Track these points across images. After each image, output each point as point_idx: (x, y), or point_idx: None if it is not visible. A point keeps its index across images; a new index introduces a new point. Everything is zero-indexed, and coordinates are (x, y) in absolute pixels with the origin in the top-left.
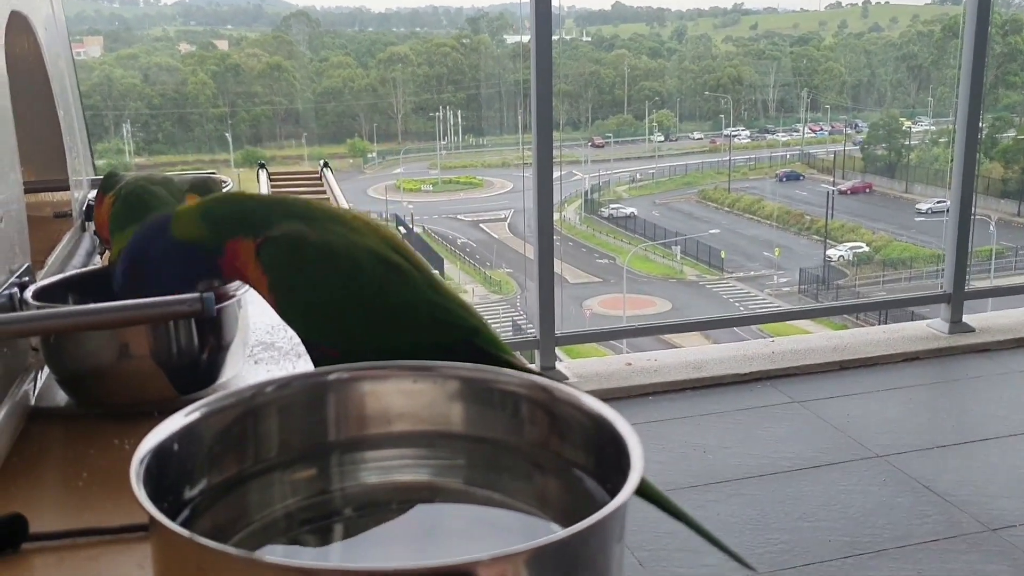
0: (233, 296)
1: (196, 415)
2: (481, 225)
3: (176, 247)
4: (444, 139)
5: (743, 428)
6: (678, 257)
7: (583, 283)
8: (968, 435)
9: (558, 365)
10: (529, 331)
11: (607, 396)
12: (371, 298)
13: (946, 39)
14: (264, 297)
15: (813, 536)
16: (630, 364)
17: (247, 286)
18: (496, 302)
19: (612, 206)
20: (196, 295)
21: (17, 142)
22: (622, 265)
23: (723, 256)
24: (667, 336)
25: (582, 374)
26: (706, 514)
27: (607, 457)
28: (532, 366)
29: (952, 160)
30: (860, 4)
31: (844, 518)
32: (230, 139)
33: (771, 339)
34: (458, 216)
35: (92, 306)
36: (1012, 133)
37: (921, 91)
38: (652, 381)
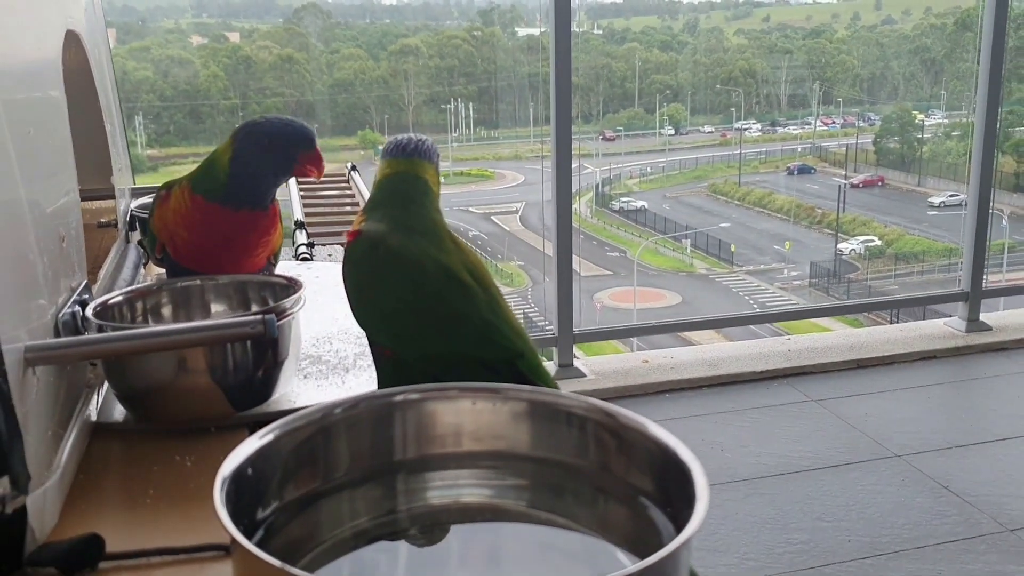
0: (290, 314)
1: (270, 437)
2: (492, 217)
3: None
4: (455, 131)
5: (760, 426)
6: (688, 251)
7: (594, 276)
8: (986, 435)
9: (575, 362)
10: (541, 325)
11: (624, 393)
12: (427, 306)
13: (959, 32)
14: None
15: (833, 536)
16: (647, 361)
17: (303, 303)
18: (507, 295)
19: (623, 199)
20: (258, 317)
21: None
22: (632, 258)
23: (733, 250)
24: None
25: (600, 371)
26: (724, 513)
27: (669, 483)
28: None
29: (970, 157)
30: None
31: (863, 518)
32: None
33: (787, 337)
34: (469, 208)
35: (158, 328)
36: None
37: (934, 84)
38: (669, 378)
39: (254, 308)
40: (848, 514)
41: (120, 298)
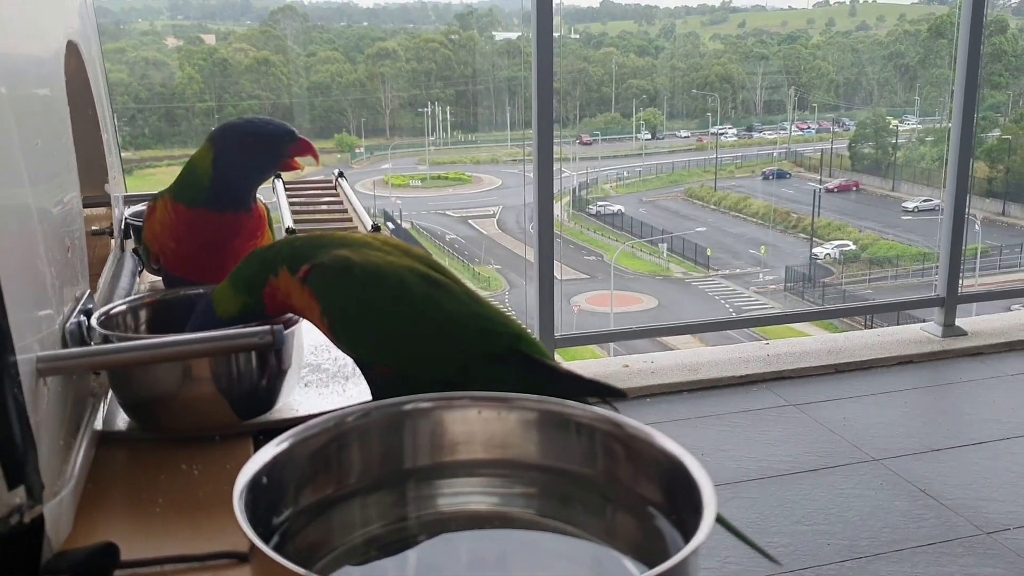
0: (297, 322)
1: (285, 445)
2: (470, 221)
3: (228, 325)
4: (433, 135)
5: (740, 431)
6: (665, 254)
7: (571, 279)
8: (962, 438)
9: None
10: None
11: None
12: (420, 315)
13: (932, 39)
14: (315, 323)
15: (812, 539)
16: (627, 366)
17: None
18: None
19: (600, 203)
20: (267, 328)
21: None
22: (609, 262)
23: (709, 254)
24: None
25: None
26: None
27: (676, 492)
28: (570, 366)
29: (946, 163)
30: (848, 2)
31: (842, 521)
32: None
33: (766, 342)
34: (447, 212)
35: (167, 339)
36: (996, 133)
37: (908, 90)
38: (649, 383)
39: None
40: (827, 517)
41: (123, 307)
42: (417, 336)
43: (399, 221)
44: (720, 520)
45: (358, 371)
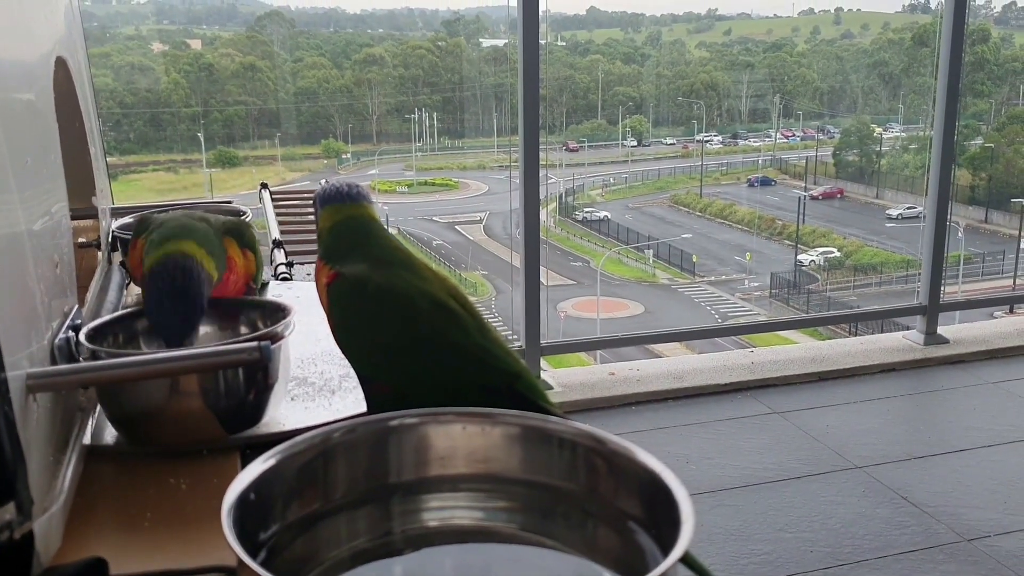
0: (283, 338)
1: (272, 461)
2: (456, 227)
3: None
4: (420, 141)
5: (724, 438)
6: (651, 261)
7: (558, 285)
8: (944, 446)
9: (542, 375)
10: (507, 337)
11: (590, 406)
12: (424, 339)
13: (916, 47)
14: (328, 323)
15: (795, 547)
16: (613, 374)
17: (293, 327)
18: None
19: (586, 209)
20: (254, 344)
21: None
22: (596, 268)
23: (695, 260)
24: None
25: (566, 384)
26: None
27: (656, 507)
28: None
29: (928, 171)
30: (832, 11)
31: (825, 529)
32: (203, 139)
33: (751, 349)
34: (433, 218)
35: (156, 355)
36: (979, 140)
37: (892, 98)
38: (634, 391)
39: (243, 331)
40: (810, 525)
41: (111, 322)
42: (416, 359)
43: (386, 227)
44: (690, 562)
45: (344, 385)
